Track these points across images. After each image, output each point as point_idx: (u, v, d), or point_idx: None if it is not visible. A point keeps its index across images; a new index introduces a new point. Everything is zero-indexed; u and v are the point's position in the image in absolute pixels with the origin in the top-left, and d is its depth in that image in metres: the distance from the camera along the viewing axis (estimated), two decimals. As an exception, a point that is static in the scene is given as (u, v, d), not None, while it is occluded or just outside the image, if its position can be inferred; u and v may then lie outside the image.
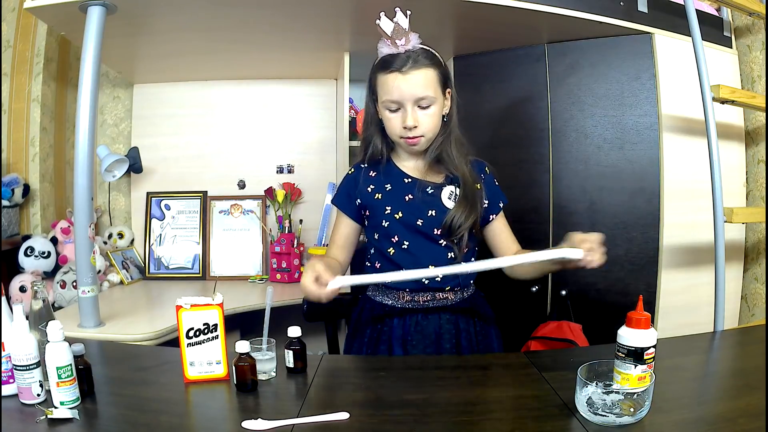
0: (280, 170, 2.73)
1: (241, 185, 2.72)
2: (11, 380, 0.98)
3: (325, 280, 1.09)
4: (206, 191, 2.69)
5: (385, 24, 1.21)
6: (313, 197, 2.71)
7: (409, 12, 1.21)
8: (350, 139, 2.34)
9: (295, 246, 2.53)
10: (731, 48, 2.15)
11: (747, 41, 2.12)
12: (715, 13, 2.13)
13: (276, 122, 2.73)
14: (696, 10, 1.65)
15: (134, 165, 2.55)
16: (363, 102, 2.43)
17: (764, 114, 2.03)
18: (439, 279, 1.31)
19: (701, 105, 1.61)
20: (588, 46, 2.03)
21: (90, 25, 1.64)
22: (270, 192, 2.65)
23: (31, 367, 0.95)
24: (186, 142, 2.70)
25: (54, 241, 2.31)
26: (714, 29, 2.10)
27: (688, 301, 1.99)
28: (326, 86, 2.71)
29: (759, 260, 2.12)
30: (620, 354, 0.98)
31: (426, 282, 1.31)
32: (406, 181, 1.33)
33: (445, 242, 1.30)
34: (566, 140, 2.08)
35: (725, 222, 1.59)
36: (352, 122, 2.44)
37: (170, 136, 2.70)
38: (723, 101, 1.69)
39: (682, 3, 1.70)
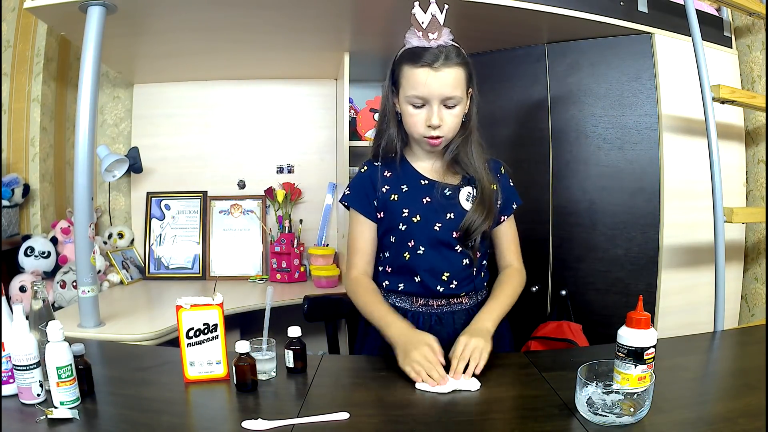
0: (280, 170, 2.73)
1: (241, 185, 2.72)
2: (11, 380, 0.98)
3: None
4: (206, 191, 2.69)
5: (420, 15, 1.16)
6: (313, 197, 2.71)
7: (446, 6, 1.17)
8: (350, 139, 2.34)
9: (295, 246, 2.53)
10: (731, 48, 2.15)
11: (747, 41, 2.12)
12: (715, 13, 2.13)
13: (276, 122, 2.73)
14: (696, 10, 1.65)
15: (134, 165, 2.56)
16: (363, 102, 2.46)
17: (764, 114, 2.03)
18: (454, 285, 1.29)
19: (701, 105, 1.61)
20: (588, 46, 2.03)
21: (90, 25, 1.64)
22: (270, 192, 2.65)
23: (31, 367, 0.95)
24: (186, 142, 2.70)
25: (54, 241, 2.31)
26: (714, 29, 2.09)
27: (688, 301, 1.99)
28: (326, 86, 2.71)
29: (759, 260, 2.12)
30: (620, 354, 0.98)
31: (441, 289, 1.29)
32: (422, 182, 1.29)
33: (461, 248, 1.28)
34: (566, 140, 2.08)
35: (725, 222, 1.59)
36: (352, 122, 2.44)
37: (170, 136, 2.70)
38: (723, 101, 1.69)
39: (682, 3, 1.70)
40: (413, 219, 1.27)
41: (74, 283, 2.06)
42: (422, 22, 1.16)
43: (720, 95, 1.64)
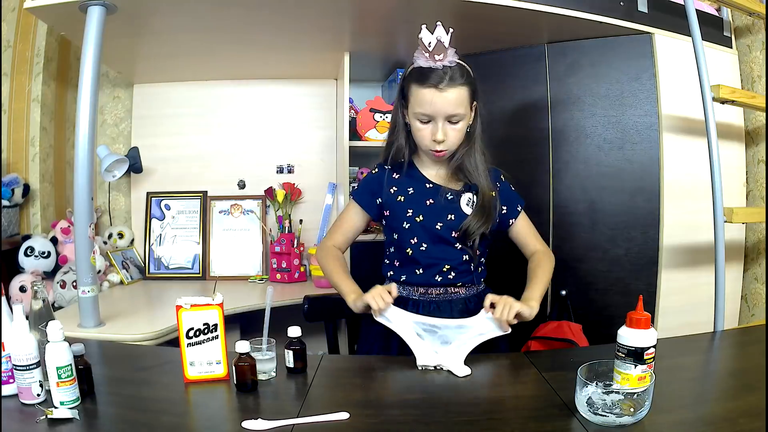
0: (280, 170, 2.73)
1: (241, 185, 2.72)
2: (11, 380, 0.98)
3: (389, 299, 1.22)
4: (206, 191, 2.69)
5: (426, 37, 1.23)
6: (313, 197, 2.71)
7: (451, 30, 1.22)
8: (350, 139, 2.34)
9: (295, 246, 2.53)
10: (731, 48, 2.15)
11: (747, 41, 2.12)
12: (715, 13, 2.13)
13: (276, 122, 2.73)
14: (696, 10, 1.65)
15: (134, 165, 2.56)
16: (363, 102, 2.46)
17: (764, 114, 2.03)
18: (452, 277, 1.36)
19: (701, 105, 1.62)
20: (588, 46, 2.03)
21: (90, 25, 1.63)
22: (270, 192, 2.65)
23: (31, 367, 0.95)
24: (186, 142, 2.70)
25: (54, 241, 2.31)
26: (714, 29, 2.09)
27: (688, 301, 1.99)
28: (326, 86, 2.71)
29: (759, 260, 2.12)
30: (620, 354, 0.98)
31: (439, 279, 1.37)
32: (427, 186, 1.39)
33: (460, 245, 1.36)
34: (566, 140, 2.08)
35: (725, 222, 1.59)
36: (352, 122, 2.44)
37: (170, 136, 2.69)
38: (723, 101, 1.69)
39: (682, 3, 1.70)
40: (417, 219, 1.36)
41: (74, 283, 2.06)
42: (428, 44, 1.23)
43: (720, 95, 1.64)
